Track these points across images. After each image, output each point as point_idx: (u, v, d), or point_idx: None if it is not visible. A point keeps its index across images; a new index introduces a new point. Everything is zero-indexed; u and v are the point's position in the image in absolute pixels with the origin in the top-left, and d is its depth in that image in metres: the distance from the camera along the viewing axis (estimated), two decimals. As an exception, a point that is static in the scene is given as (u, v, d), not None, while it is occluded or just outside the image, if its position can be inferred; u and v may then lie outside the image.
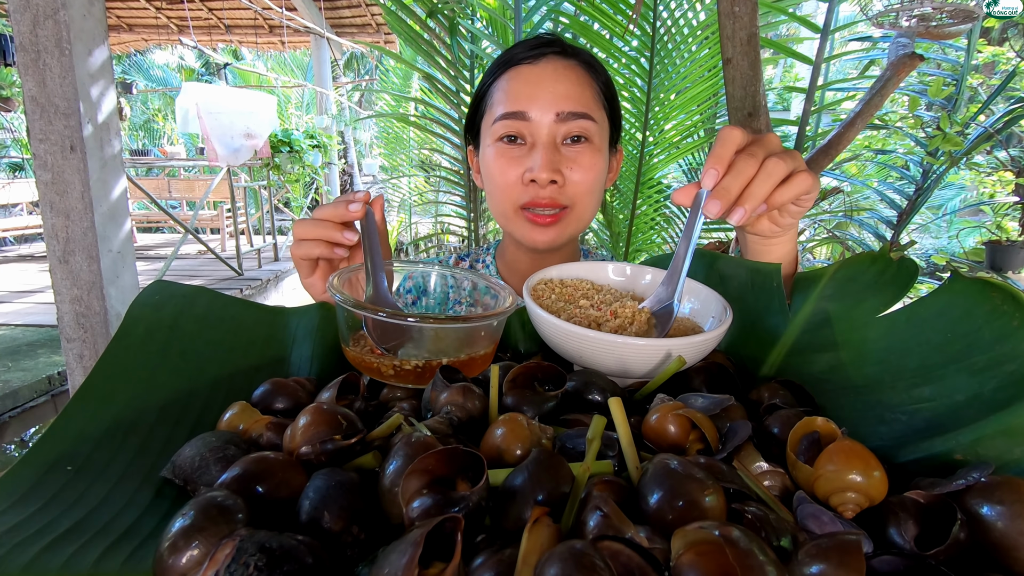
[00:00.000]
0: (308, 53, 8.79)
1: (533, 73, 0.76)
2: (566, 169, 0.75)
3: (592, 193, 0.79)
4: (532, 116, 0.74)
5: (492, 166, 0.78)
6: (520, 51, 0.78)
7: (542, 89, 0.74)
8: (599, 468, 0.31)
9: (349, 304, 0.45)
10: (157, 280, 0.52)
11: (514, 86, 0.76)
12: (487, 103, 0.80)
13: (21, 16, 1.88)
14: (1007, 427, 0.33)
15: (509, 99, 0.76)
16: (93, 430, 0.38)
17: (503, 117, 0.76)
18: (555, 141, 0.75)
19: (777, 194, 0.50)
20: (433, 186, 5.44)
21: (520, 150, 0.76)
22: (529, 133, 0.76)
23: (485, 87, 0.81)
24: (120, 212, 2.15)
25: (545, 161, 0.73)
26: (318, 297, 0.65)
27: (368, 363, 0.46)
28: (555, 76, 0.75)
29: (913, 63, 1.22)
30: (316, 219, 0.60)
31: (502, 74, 0.78)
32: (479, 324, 0.47)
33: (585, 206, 0.79)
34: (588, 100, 0.76)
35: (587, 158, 0.76)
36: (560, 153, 0.75)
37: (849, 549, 0.23)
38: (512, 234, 0.83)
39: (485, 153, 0.80)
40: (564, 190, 0.76)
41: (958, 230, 4.25)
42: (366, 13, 6.61)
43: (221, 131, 4.66)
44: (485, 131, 0.81)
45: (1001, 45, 3.18)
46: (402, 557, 0.22)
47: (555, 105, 0.74)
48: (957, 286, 0.43)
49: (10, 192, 6.01)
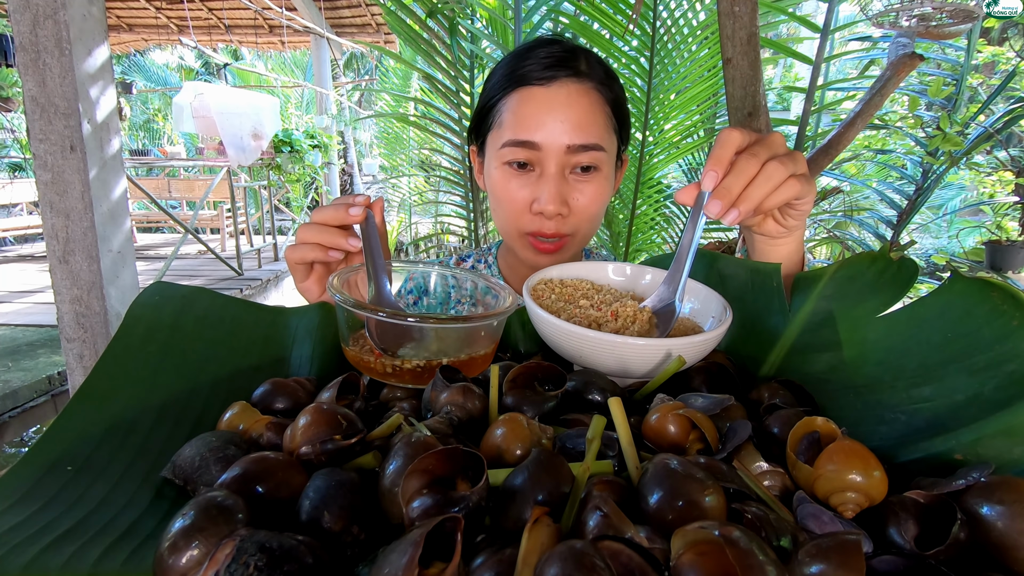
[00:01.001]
0: (308, 53, 8.79)
1: (546, 98, 0.73)
2: (572, 199, 0.75)
3: (596, 218, 0.79)
4: (542, 145, 0.73)
5: (499, 188, 0.77)
6: (533, 68, 0.74)
7: (553, 118, 0.72)
8: (599, 468, 0.31)
9: (349, 304, 0.45)
10: (157, 281, 0.52)
11: (524, 110, 0.74)
12: (495, 117, 0.78)
13: (21, 16, 1.88)
14: (1007, 427, 0.33)
15: (519, 124, 0.74)
16: (93, 430, 0.38)
17: (512, 144, 0.74)
18: (563, 172, 0.75)
19: (767, 199, 0.50)
20: (433, 186, 5.45)
21: (528, 177, 0.75)
22: (538, 161, 0.74)
23: (494, 98, 0.78)
24: (120, 212, 2.15)
25: (553, 194, 0.73)
26: (314, 301, 0.65)
27: (368, 363, 0.46)
28: (567, 102, 0.72)
29: (913, 63, 1.22)
30: (318, 223, 0.59)
31: (512, 91, 0.76)
32: (479, 324, 0.47)
33: (588, 230, 0.79)
34: (599, 129, 0.75)
35: (593, 188, 0.76)
36: (568, 183, 0.75)
37: (849, 549, 0.23)
38: (514, 250, 0.83)
39: (492, 172, 0.79)
40: (568, 220, 0.76)
41: (958, 230, 4.25)
42: (366, 13, 6.60)
43: (232, 131, 4.69)
44: (492, 147, 0.79)
45: (1001, 45, 3.18)
46: (402, 557, 0.22)
47: (566, 136, 0.72)
48: (957, 286, 0.43)
49: (10, 192, 6.00)
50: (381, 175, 7.76)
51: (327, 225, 0.59)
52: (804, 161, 0.52)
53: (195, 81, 7.12)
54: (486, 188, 0.84)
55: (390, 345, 0.47)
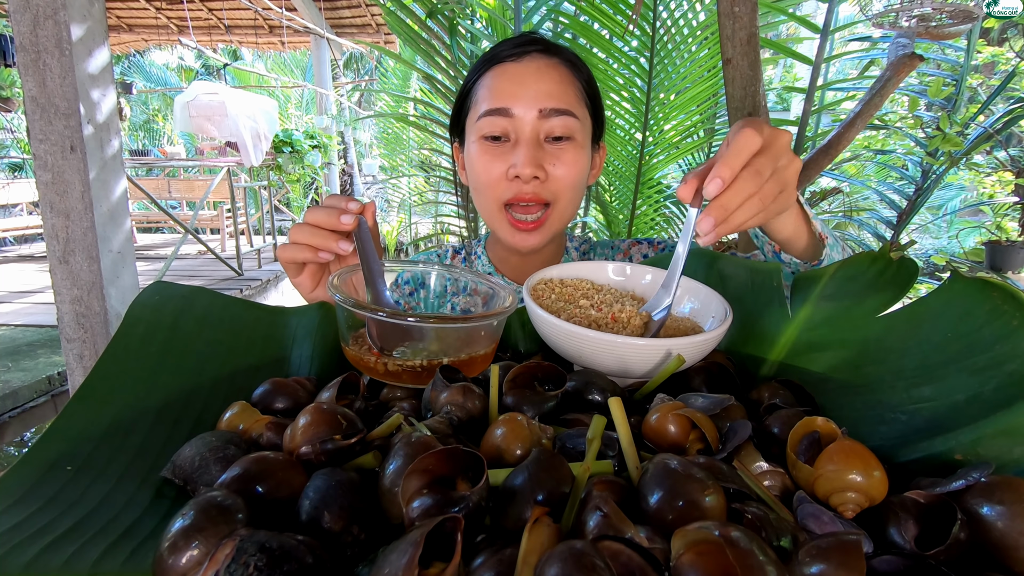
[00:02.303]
0: (308, 53, 8.79)
1: (517, 70, 0.77)
2: (549, 165, 0.76)
3: (574, 189, 0.79)
4: (515, 112, 0.75)
5: (476, 163, 0.79)
6: (504, 49, 0.79)
7: (525, 87, 0.75)
8: (599, 468, 0.31)
9: (349, 304, 0.45)
10: (157, 281, 0.52)
11: (497, 83, 0.77)
12: (471, 100, 0.81)
13: (21, 16, 1.88)
14: (1007, 427, 0.33)
15: (493, 96, 0.76)
16: (93, 430, 0.38)
17: (487, 114, 0.76)
18: (538, 138, 0.76)
19: (749, 220, 0.48)
20: (433, 186, 5.44)
21: (504, 147, 0.77)
22: (513, 130, 0.76)
23: (470, 84, 0.82)
24: (120, 212, 2.15)
25: (528, 157, 0.74)
26: (307, 295, 0.65)
27: (368, 362, 0.46)
28: (538, 74, 0.76)
29: (913, 63, 1.22)
30: (311, 225, 0.59)
31: (486, 71, 0.79)
32: (479, 324, 0.47)
33: (567, 201, 0.80)
34: (571, 97, 0.77)
35: (570, 155, 0.77)
36: (543, 150, 0.76)
37: (849, 549, 0.23)
38: (496, 233, 0.83)
39: (470, 150, 0.81)
40: (547, 185, 0.77)
41: (958, 230, 4.25)
42: (366, 13, 6.60)
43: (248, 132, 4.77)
44: (470, 128, 0.81)
45: (1001, 45, 3.18)
46: (402, 557, 0.22)
47: (538, 102, 0.75)
48: (957, 286, 0.43)
49: (10, 192, 6.01)
50: (381, 175, 7.76)
51: (319, 227, 0.59)
52: (794, 171, 0.50)
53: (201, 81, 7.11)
54: (468, 180, 0.85)
55: (390, 345, 0.47)
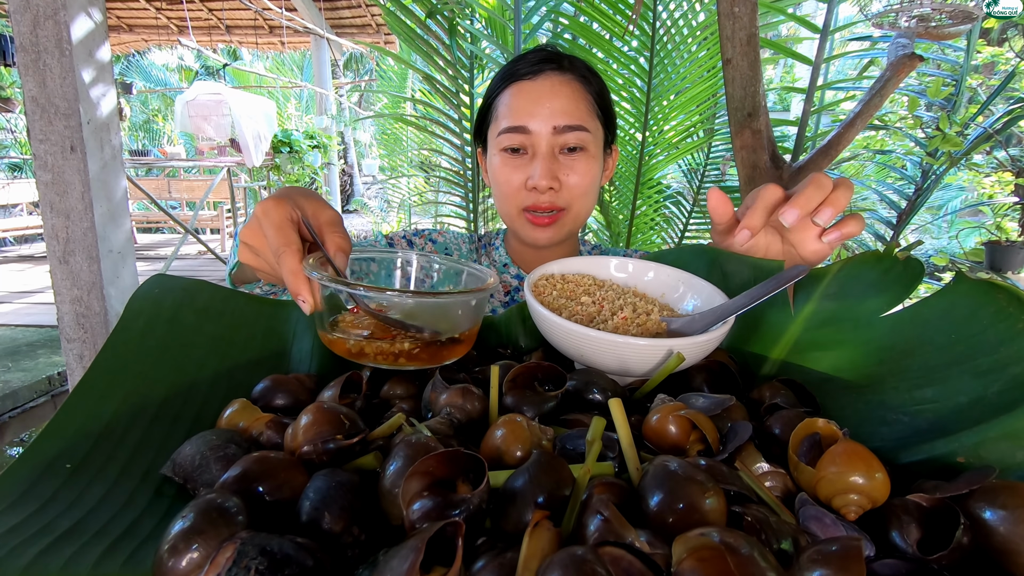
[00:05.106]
0: (308, 53, 8.79)
1: (533, 89, 0.84)
2: (563, 176, 0.84)
3: (587, 195, 0.87)
4: (532, 129, 0.83)
5: (498, 173, 0.87)
6: (522, 66, 0.86)
7: (540, 105, 0.83)
8: (599, 470, 0.31)
9: (327, 281, 0.44)
10: (157, 274, 0.52)
11: (516, 102, 0.85)
12: (493, 114, 0.89)
13: (21, 17, 1.88)
14: (1011, 430, 0.32)
15: (512, 114, 0.84)
16: (92, 427, 0.38)
17: (506, 131, 0.84)
18: (553, 151, 0.84)
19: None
20: (433, 186, 5.44)
21: (522, 159, 0.85)
22: (530, 144, 0.84)
23: (492, 98, 0.90)
24: (120, 212, 2.15)
25: (544, 170, 0.82)
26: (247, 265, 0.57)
27: (343, 343, 0.46)
28: (552, 92, 0.83)
29: (913, 63, 1.22)
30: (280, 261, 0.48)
31: (505, 88, 0.87)
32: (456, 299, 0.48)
33: (581, 206, 0.88)
34: (583, 112, 0.84)
35: (582, 165, 0.84)
36: (558, 162, 0.84)
37: (850, 554, 0.23)
38: (515, 232, 0.91)
39: (492, 160, 0.89)
40: (561, 194, 0.84)
41: (958, 230, 4.24)
42: (366, 13, 6.60)
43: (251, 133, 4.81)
44: (491, 139, 0.89)
45: (1000, 45, 3.18)
46: (403, 563, 0.22)
47: (552, 119, 0.82)
48: (962, 287, 0.43)
49: (10, 192, 6.00)
50: (381, 176, 7.76)
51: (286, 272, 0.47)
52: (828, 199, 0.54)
53: (201, 81, 7.12)
54: (490, 183, 0.93)
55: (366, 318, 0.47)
